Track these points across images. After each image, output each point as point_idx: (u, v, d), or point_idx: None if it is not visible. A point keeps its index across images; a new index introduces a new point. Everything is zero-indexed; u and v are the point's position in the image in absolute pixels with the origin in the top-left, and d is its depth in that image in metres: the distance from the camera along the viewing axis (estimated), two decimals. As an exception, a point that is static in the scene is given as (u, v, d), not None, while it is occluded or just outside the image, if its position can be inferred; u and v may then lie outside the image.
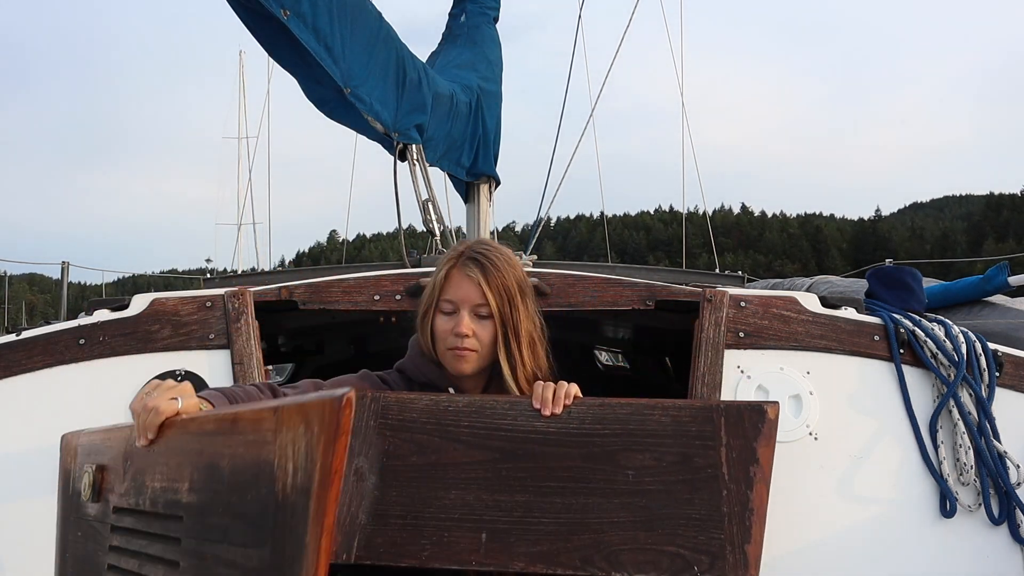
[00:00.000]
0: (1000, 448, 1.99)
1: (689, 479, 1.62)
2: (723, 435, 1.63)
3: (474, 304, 1.77)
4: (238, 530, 1.20)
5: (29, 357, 1.98)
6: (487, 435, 1.63)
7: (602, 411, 1.64)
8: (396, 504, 1.60)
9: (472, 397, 1.69)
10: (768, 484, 1.63)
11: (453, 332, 1.76)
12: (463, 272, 1.79)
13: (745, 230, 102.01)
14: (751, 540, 1.62)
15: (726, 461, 1.62)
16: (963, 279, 2.99)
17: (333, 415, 1.06)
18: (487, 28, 4.11)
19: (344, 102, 2.80)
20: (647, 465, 1.62)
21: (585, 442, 1.63)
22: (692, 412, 1.65)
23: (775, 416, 1.64)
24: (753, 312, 2.07)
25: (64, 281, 7.89)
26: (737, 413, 1.64)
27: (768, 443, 1.63)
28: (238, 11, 2.58)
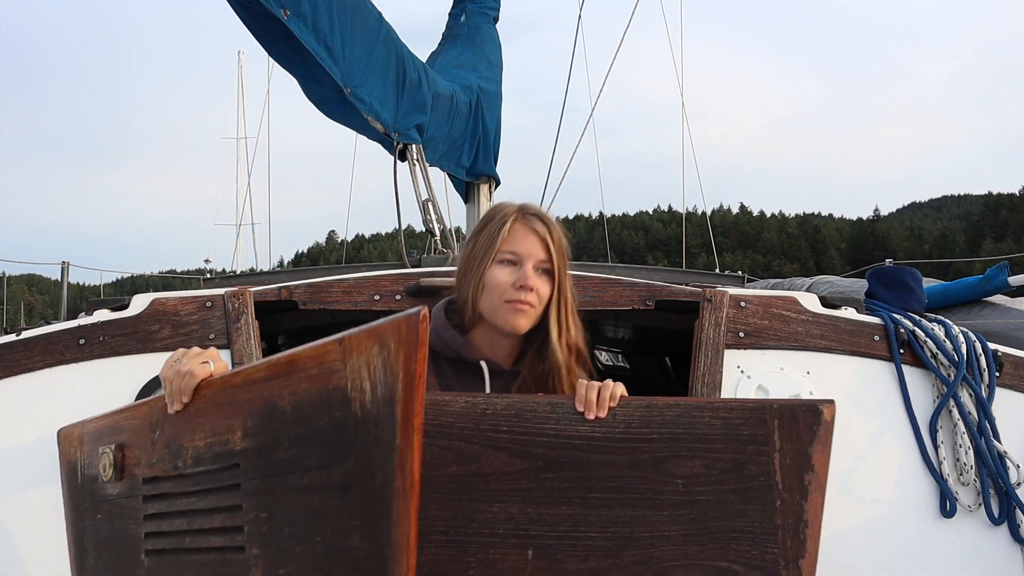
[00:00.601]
0: (1000, 448, 1.99)
1: (741, 488, 1.53)
2: (776, 439, 1.53)
3: (538, 259, 1.75)
4: (312, 455, 1.20)
5: (29, 357, 1.98)
6: (528, 441, 1.53)
7: (649, 413, 1.55)
8: (437, 520, 1.50)
9: (511, 398, 1.58)
10: (823, 493, 1.54)
11: (516, 284, 1.72)
12: (528, 226, 1.76)
13: (743, 230, 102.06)
14: (805, 554, 1.54)
15: (779, 468, 1.53)
16: (963, 279, 3.00)
17: (411, 330, 1.07)
18: (487, 28, 4.11)
19: (344, 102, 2.81)
20: (697, 473, 1.53)
21: (631, 448, 1.54)
22: (743, 413, 1.55)
23: (831, 417, 1.55)
24: (753, 312, 2.08)
25: (64, 281, 7.88)
26: (791, 414, 1.55)
27: (824, 448, 1.54)
28: (238, 11, 2.59)
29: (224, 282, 3.47)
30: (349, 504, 1.16)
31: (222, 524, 1.35)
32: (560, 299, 1.76)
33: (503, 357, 1.80)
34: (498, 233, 1.76)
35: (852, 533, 1.98)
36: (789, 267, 75.90)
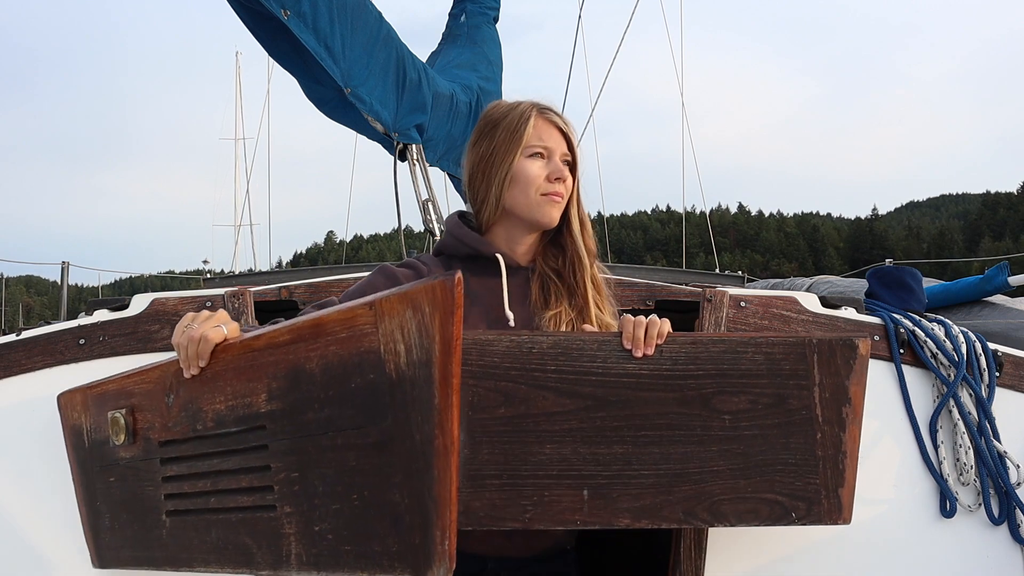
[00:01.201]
0: (1000, 448, 1.99)
1: (784, 422, 1.57)
2: (816, 374, 1.57)
3: (563, 152, 1.77)
4: (345, 416, 1.21)
5: (29, 357, 1.98)
6: (576, 380, 1.52)
7: (695, 350, 1.55)
8: (490, 464, 1.49)
9: (556, 335, 1.57)
10: (860, 425, 1.59)
11: (552, 176, 1.74)
12: (550, 120, 1.77)
13: (742, 229, 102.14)
14: (844, 484, 1.59)
15: (819, 402, 1.57)
16: (963, 279, 3.00)
17: (447, 293, 1.08)
18: (487, 28, 4.11)
19: (344, 102, 2.81)
20: (743, 409, 1.56)
21: (679, 385, 1.54)
22: (785, 348, 1.57)
23: (867, 352, 1.60)
24: (753, 312, 2.08)
25: (64, 281, 7.87)
26: (830, 349, 1.58)
27: (860, 381, 1.59)
28: (238, 11, 2.59)
29: (224, 282, 3.47)
30: (389, 461, 1.17)
31: (250, 484, 1.36)
32: (578, 195, 1.80)
33: (521, 254, 1.81)
34: (523, 128, 1.75)
35: (851, 533, 1.98)
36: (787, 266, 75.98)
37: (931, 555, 1.98)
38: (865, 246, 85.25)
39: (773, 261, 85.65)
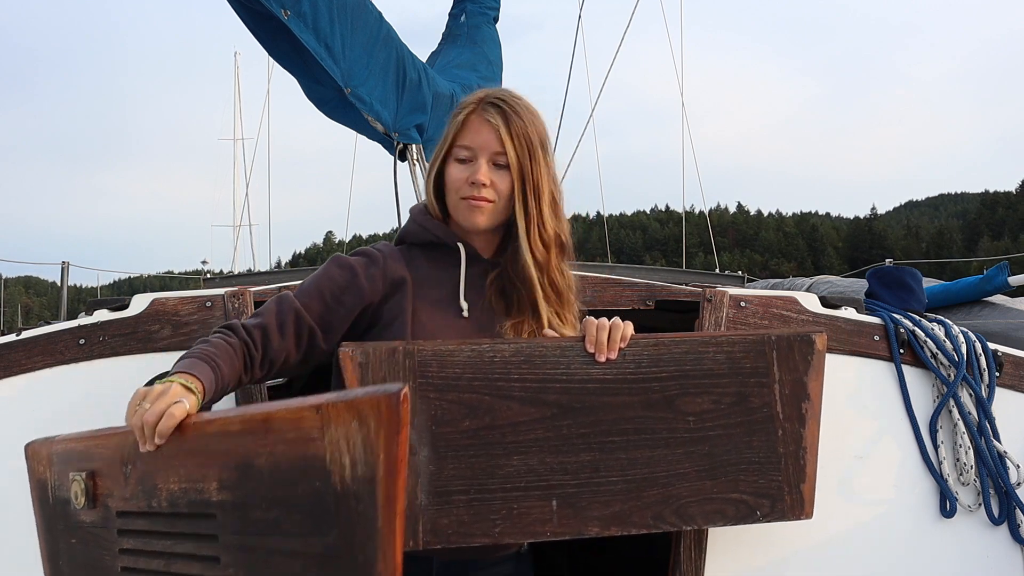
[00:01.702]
0: (1000, 448, 1.99)
1: (746, 421, 1.59)
2: (776, 371, 1.59)
3: (492, 152, 1.66)
4: (293, 520, 1.18)
5: (29, 357, 1.98)
6: (541, 388, 1.51)
7: (657, 352, 1.56)
8: (456, 479, 1.47)
9: (518, 343, 1.54)
10: (819, 420, 1.61)
11: (469, 180, 1.66)
12: (482, 117, 1.68)
13: (741, 229, 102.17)
14: (805, 479, 1.61)
15: (780, 399, 1.59)
16: (963, 279, 3.00)
17: (392, 411, 1.04)
18: (487, 28, 4.11)
19: (344, 102, 2.81)
20: (706, 409, 1.57)
21: (644, 388, 1.55)
22: (745, 347, 1.60)
23: (823, 347, 1.62)
24: (753, 312, 2.08)
25: (64, 282, 7.86)
26: (788, 345, 1.61)
27: (817, 376, 1.61)
28: (238, 11, 2.59)
29: (224, 282, 3.47)
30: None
31: (201, 572, 1.32)
32: (525, 191, 1.67)
33: (480, 247, 1.75)
34: (452, 128, 1.70)
35: (851, 533, 1.98)
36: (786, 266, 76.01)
37: (931, 555, 1.98)
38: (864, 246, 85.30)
39: (772, 261, 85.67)
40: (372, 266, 1.67)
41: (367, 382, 1.45)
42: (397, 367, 1.46)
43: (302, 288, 1.66)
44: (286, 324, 1.59)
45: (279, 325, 1.59)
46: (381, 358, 1.46)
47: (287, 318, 1.60)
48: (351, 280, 1.65)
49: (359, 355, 1.46)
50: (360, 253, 1.72)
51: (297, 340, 1.60)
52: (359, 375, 1.45)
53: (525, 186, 1.67)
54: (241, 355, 1.54)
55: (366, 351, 1.46)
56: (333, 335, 1.63)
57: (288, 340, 1.59)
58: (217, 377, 1.46)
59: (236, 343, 1.54)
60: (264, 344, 1.57)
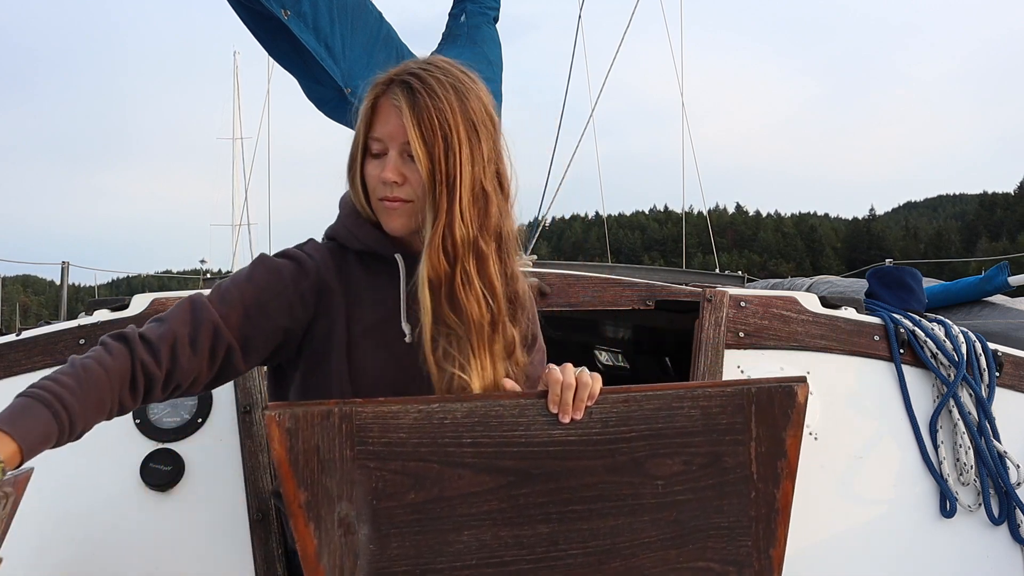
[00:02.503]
0: (1000, 448, 1.99)
1: (719, 483, 1.44)
2: (753, 427, 1.45)
3: (401, 142, 1.38)
4: None
5: (29, 357, 1.98)
6: (496, 453, 1.35)
7: (628, 408, 1.40)
8: (400, 559, 1.32)
9: (472, 402, 1.36)
10: (794, 479, 1.47)
11: (380, 179, 1.40)
12: (389, 101, 1.39)
13: (739, 229, 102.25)
14: (776, 543, 1.48)
15: (755, 458, 1.45)
16: (963, 279, 3.01)
17: None
18: (487, 28, 4.10)
19: (344, 102, 2.81)
20: (677, 471, 1.42)
21: (610, 451, 1.40)
22: (722, 400, 1.44)
23: (804, 399, 1.46)
24: (753, 312, 2.08)
25: (64, 281, 7.85)
26: (768, 398, 1.45)
27: (796, 432, 1.47)
28: (238, 11, 2.59)
29: (223, 282, 3.46)
30: None
31: None
32: (437, 186, 1.37)
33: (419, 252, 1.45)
34: (363, 116, 1.44)
35: (852, 533, 1.99)
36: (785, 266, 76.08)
37: (931, 555, 1.99)
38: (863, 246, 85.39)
39: (771, 261, 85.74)
40: (303, 277, 1.43)
41: (296, 450, 1.27)
42: (332, 432, 1.28)
43: (221, 293, 1.40)
44: (199, 339, 1.34)
45: (191, 339, 1.34)
46: (313, 422, 1.28)
47: (201, 331, 1.35)
48: (280, 290, 1.42)
49: (287, 419, 1.27)
50: (289, 257, 1.46)
51: (211, 358, 1.36)
52: (288, 443, 1.27)
53: (435, 182, 1.37)
54: (123, 381, 1.29)
55: (295, 415, 1.27)
56: (253, 354, 1.41)
57: (201, 358, 1.35)
58: (60, 423, 1.21)
59: (119, 367, 1.28)
60: (171, 361, 1.32)
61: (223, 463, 1.93)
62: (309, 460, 1.28)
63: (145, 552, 1.86)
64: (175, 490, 1.87)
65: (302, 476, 1.28)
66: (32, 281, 78.35)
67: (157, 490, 1.87)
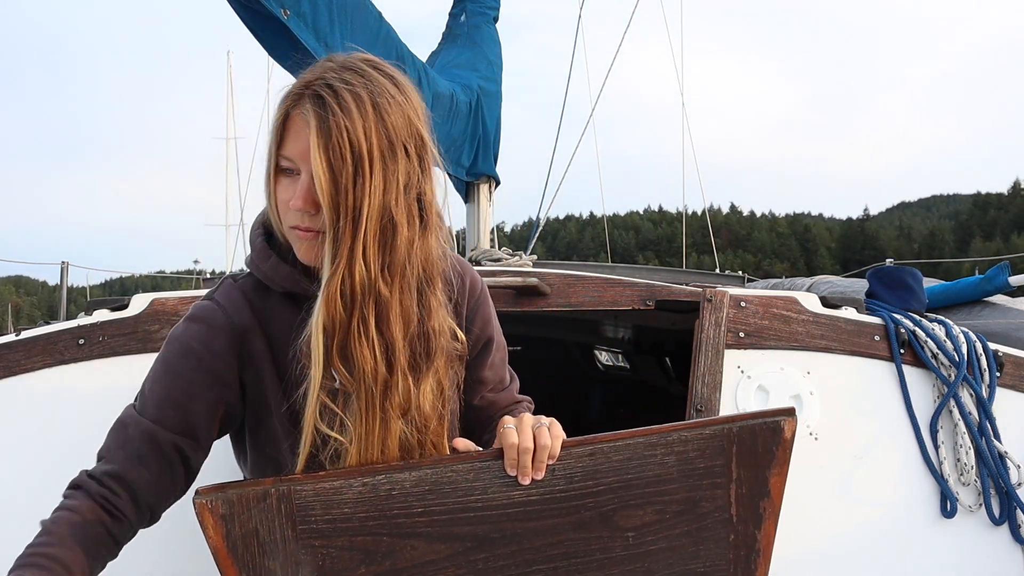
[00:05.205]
0: (1001, 448, 2.00)
1: (695, 528, 1.35)
2: (734, 469, 1.35)
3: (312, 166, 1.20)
4: None
5: (28, 357, 1.97)
6: (451, 520, 1.26)
7: (594, 463, 1.31)
8: None
9: (421, 469, 1.26)
10: (777, 517, 1.38)
11: (291, 205, 1.23)
12: (300, 115, 1.22)
13: (734, 229, 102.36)
14: None
15: (736, 501, 1.36)
16: (963, 279, 3.01)
17: None
18: (487, 28, 4.10)
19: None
20: (649, 521, 1.33)
21: (576, 507, 1.30)
22: (700, 444, 1.34)
23: (791, 435, 1.37)
24: (753, 312, 2.08)
25: (64, 281, 7.81)
26: (751, 437, 1.35)
27: (781, 470, 1.37)
28: (238, 10, 2.58)
29: (222, 282, 3.46)
30: None
31: None
32: (342, 220, 1.18)
33: None
34: (275, 129, 1.27)
35: (852, 533, 1.99)
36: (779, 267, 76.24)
37: (931, 555, 1.99)
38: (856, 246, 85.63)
39: (765, 261, 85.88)
40: (214, 337, 1.32)
41: (234, 536, 1.21)
42: (271, 514, 1.21)
43: (144, 398, 1.31)
44: (144, 455, 1.27)
45: (137, 458, 1.27)
46: (249, 506, 1.21)
47: (142, 447, 1.27)
48: (196, 365, 1.30)
49: (221, 506, 1.21)
50: (196, 320, 1.34)
51: (165, 464, 1.28)
52: (223, 530, 1.21)
53: (339, 215, 1.18)
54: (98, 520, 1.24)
55: (229, 500, 1.21)
56: (204, 440, 1.33)
57: (154, 470, 1.27)
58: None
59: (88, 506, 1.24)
60: (131, 490, 1.26)
61: (223, 463, 1.92)
62: (249, 545, 1.22)
63: (145, 552, 1.85)
64: (175, 490, 1.86)
65: (243, 562, 1.22)
66: (24, 282, 78.07)
67: (158, 491, 1.86)
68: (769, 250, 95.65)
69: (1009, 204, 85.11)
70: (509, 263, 2.73)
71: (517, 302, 2.14)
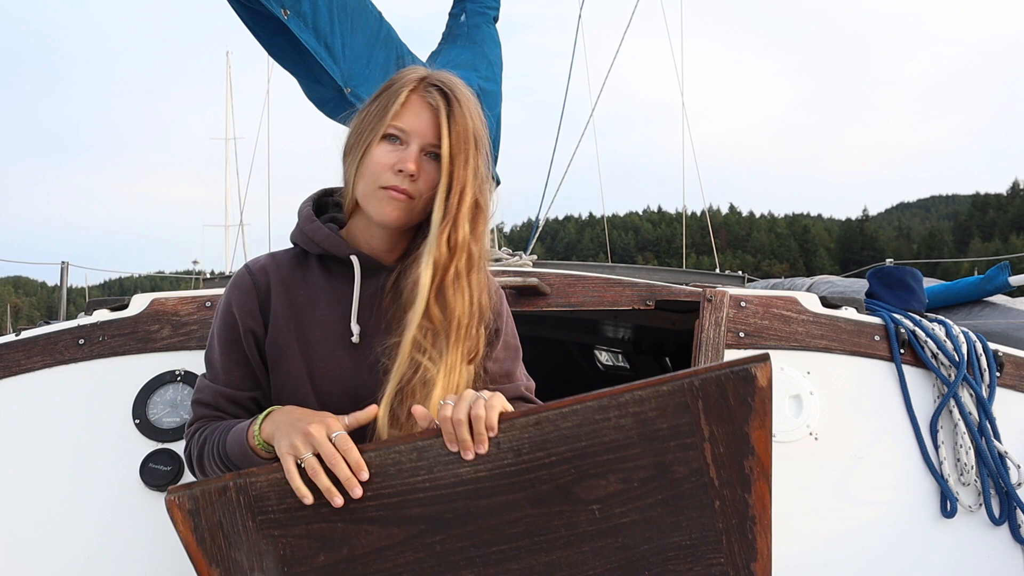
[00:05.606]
0: (1001, 448, 2.00)
1: (670, 497, 1.26)
2: (704, 427, 1.25)
3: (426, 142, 1.44)
4: None
5: (28, 357, 1.97)
6: (401, 503, 1.26)
7: (541, 431, 1.25)
8: None
9: (366, 453, 1.27)
10: (769, 476, 1.27)
11: (396, 167, 1.42)
12: (424, 99, 1.45)
13: (733, 230, 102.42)
14: (757, 556, 1.28)
15: (713, 462, 1.26)
16: (964, 279, 3.01)
17: None
18: (487, 28, 4.10)
19: (344, 102, 2.80)
20: (614, 492, 1.26)
21: (529, 481, 1.26)
22: (658, 401, 1.25)
23: (767, 382, 1.25)
24: (753, 312, 2.08)
25: (64, 281, 7.81)
26: (719, 389, 1.25)
27: (763, 422, 1.25)
28: (238, 10, 2.58)
29: (223, 282, 3.45)
30: None
31: None
32: (451, 190, 1.43)
33: (385, 251, 1.52)
34: (390, 104, 1.45)
35: (852, 533, 1.99)
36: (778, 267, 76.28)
37: (931, 555, 1.99)
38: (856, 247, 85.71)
39: (764, 262, 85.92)
40: (247, 297, 1.50)
41: (201, 530, 1.26)
42: (231, 507, 1.26)
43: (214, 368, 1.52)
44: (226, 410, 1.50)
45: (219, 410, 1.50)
46: (212, 500, 1.26)
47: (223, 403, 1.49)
48: (233, 323, 1.50)
49: (187, 502, 1.26)
50: (231, 287, 1.53)
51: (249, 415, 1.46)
52: (191, 524, 1.26)
53: (450, 186, 1.43)
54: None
55: (194, 496, 1.26)
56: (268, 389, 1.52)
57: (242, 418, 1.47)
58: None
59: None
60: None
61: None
62: (215, 537, 1.27)
63: (145, 552, 1.85)
64: (175, 490, 1.87)
65: (211, 554, 1.27)
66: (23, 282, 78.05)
67: (157, 490, 1.86)
68: (768, 251, 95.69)
69: (1008, 205, 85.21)
70: (509, 263, 2.73)
71: (517, 302, 2.14)
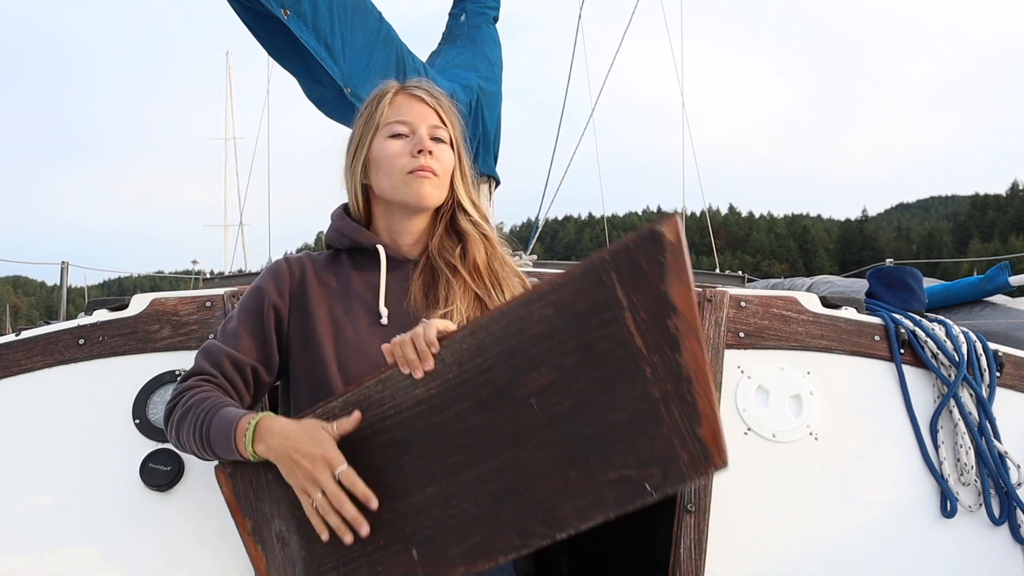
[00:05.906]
0: (1001, 448, 2.00)
1: (600, 377, 1.24)
2: (621, 296, 1.22)
3: (431, 124, 1.63)
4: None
5: (28, 357, 1.97)
6: (376, 432, 1.37)
7: (477, 341, 1.30)
8: (325, 556, 1.40)
9: (346, 395, 1.41)
10: (698, 333, 1.20)
11: (414, 150, 1.60)
12: (411, 95, 1.65)
13: (732, 230, 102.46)
14: (701, 420, 1.19)
15: (637, 330, 1.21)
16: (964, 279, 3.01)
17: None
18: (487, 28, 4.10)
19: (344, 102, 2.80)
20: (547, 383, 1.26)
21: (473, 388, 1.31)
22: (576, 286, 1.25)
23: (676, 237, 1.21)
24: (753, 312, 2.08)
25: (64, 281, 7.81)
26: (629, 258, 1.22)
27: (680, 278, 1.20)
28: (238, 10, 2.58)
29: (223, 282, 3.46)
30: None
31: None
32: (463, 171, 1.67)
33: (408, 245, 1.68)
34: (378, 108, 1.63)
35: (852, 534, 1.98)
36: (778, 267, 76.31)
37: (931, 555, 1.98)
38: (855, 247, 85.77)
39: (764, 262, 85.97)
40: (281, 281, 1.64)
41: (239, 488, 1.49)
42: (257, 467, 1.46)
43: (226, 332, 1.62)
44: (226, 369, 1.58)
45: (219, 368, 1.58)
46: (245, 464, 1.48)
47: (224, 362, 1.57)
48: (260, 300, 1.62)
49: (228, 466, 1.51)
50: (268, 271, 1.66)
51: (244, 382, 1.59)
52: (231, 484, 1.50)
53: (461, 162, 1.66)
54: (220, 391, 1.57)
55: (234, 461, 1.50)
56: (273, 365, 1.62)
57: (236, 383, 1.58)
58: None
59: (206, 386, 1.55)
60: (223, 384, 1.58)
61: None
62: (247, 492, 1.48)
63: (145, 552, 1.85)
64: (175, 490, 1.87)
65: (245, 508, 1.47)
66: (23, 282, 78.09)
67: (157, 490, 1.86)
68: (768, 251, 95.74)
69: (1007, 205, 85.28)
70: (509, 263, 2.73)
71: (517, 302, 2.14)
